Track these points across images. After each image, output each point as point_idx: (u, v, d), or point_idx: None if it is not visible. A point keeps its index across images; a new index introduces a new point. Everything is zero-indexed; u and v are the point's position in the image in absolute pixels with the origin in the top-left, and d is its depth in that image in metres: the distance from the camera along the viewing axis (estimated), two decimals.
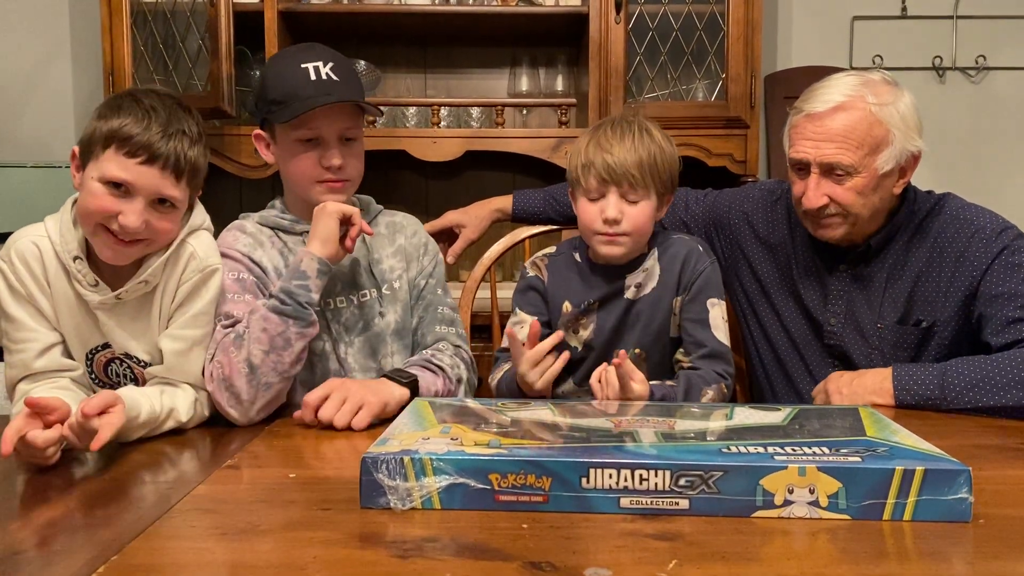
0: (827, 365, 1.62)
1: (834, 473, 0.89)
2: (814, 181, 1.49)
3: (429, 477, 0.91)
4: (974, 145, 2.96)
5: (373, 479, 0.92)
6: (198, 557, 0.81)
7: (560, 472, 0.91)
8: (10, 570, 0.77)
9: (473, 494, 0.91)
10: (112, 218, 1.21)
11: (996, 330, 1.44)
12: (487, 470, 0.91)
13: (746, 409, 1.18)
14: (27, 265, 1.26)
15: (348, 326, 1.49)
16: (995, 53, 2.94)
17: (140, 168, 1.21)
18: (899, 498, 0.88)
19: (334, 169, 1.43)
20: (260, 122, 1.50)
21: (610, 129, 1.48)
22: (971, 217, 1.53)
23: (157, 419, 1.22)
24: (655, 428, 1.06)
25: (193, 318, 1.31)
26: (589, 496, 0.91)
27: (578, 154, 1.50)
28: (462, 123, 2.79)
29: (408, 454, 0.92)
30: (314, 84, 1.40)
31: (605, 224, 1.47)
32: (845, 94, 1.46)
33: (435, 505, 0.92)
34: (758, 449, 0.95)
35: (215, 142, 2.50)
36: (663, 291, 1.53)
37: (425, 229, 1.83)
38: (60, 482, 1.04)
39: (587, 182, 1.47)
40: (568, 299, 1.56)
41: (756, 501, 0.89)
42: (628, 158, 1.44)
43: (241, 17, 2.39)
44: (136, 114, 1.22)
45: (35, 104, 2.76)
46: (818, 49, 2.93)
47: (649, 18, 2.55)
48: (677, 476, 0.90)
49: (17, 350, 1.26)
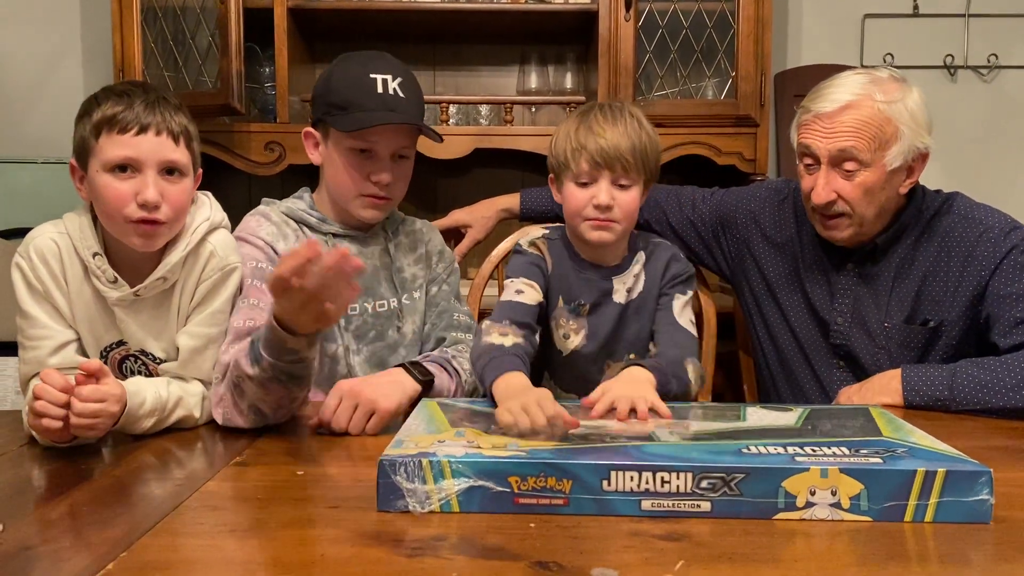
0: (833, 366, 1.61)
1: (856, 475, 0.88)
2: (823, 175, 1.48)
3: (448, 480, 0.90)
4: (986, 144, 2.94)
5: (391, 482, 0.91)
6: (207, 554, 0.81)
7: (581, 475, 0.90)
8: (20, 566, 0.78)
9: (492, 497, 0.90)
10: (130, 204, 1.22)
11: (1004, 331, 1.44)
12: (506, 473, 0.90)
13: (758, 410, 1.17)
14: (45, 262, 1.26)
15: (359, 335, 1.48)
16: (1007, 52, 2.92)
17: (138, 139, 1.22)
18: (921, 499, 0.88)
19: (381, 185, 1.43)
20: (313, 121, 1.48)
21: (600, 114, 1.45)
22: (979, 217, 1.52)
23: (164, 407, 1.22)
24: (671, 429, 1.06)
25: (211, 316, 1.31)
26: (610, 499, 0.90)
27: (566, 139, 1.45)
28: (471, 120, 2.79)
29: (426, 456, 0.91)
30: (379, 98, 1.39)
31: (596, 210, 1.43)
32: (854, 93, 1.46)
33: (454, 508, 0.90)
34: (778, 450, 0.94)
35: (225, 139, 2.51)
36: (648, 295, 1.52)
37: None
38: (70, 479, 1.04)
39: (578, 166, 1.43)
40: (563, 294, 1.52)
41: (778, 503, 0.89)
42: (622, 142, 1.41)
43: (251, 14, 2.39)
44: (113, 99, 1.23)
45: (46, 101, 2.77)
46: (829, 47, 2.91)
47: (659, 15, 2.54)
48: (699, 478, 0.89)
49: (32, 347, 1.26)
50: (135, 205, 1.22)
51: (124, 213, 1.22)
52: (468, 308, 1.59)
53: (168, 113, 1.25)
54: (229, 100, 2.32)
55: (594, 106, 1.49)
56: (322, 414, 1.24)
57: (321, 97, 1.44)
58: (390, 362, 1.49)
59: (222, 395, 1.26)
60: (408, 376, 1.31)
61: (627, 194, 1.44)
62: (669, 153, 2.54)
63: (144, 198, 1.22)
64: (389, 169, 1.43)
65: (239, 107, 2.35)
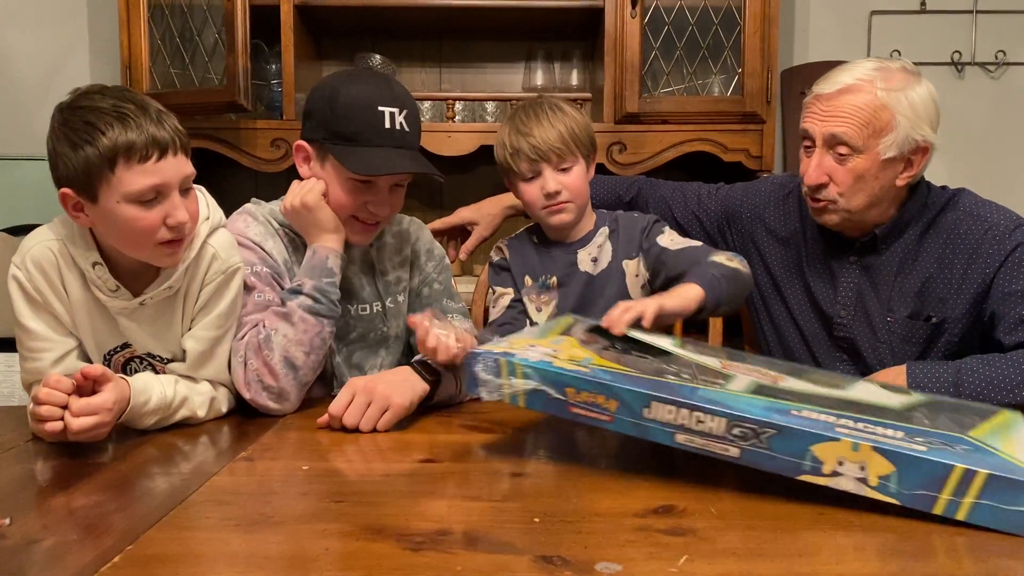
0: (836, 359, 1.61)
1: (889, 455, 0.88)
2: (816, 157, 1.50)
3: (518, 379, 1.04)
4: (993, 140, 2.93)
5: (472, 371, 1.07)
6: (211, 548, 0.81)
7: (626, 398, 0.98)
8: (26, 559, 0.78)
9: (551, 401, 1.02)
10: (160, 229, 1.18)
11: (1009, 328, 1.43)
12: (564, 384, 1.01)
13: (873, 386, 1.17)
14: (43, 272, 1.23)
15: (339, 335, 1.48)
16: (1015, 48, 2.91)
17: (160, 165, 1.16)
18: (955, 496, 0.86)
19: (377, 216, 1.43)
20: (308, 137, 1.43)
21: (523, 115, 1.57)
22: (985, 213, 1.51)
23: (169, 406, 1.23)
24: (757, 378, 1.08)
25: (217, 318, 1.31)
26: (648, 425, 0.97)
27: (503, 145, 1.58)
28: (477, 117, 2.79)
29: (506, 356, 1.05)
30: (387, 133, 1.36)
31: (547, 198, 1.56)
32: (856, 77, 1.47)
33: (520, 404, 1.04)
34: (827, 418, 0.95)
35: (231, 136, 2.52)
36: (615, 262, 1.62)
37: (437, 227, 1.83)
38: (75, 472, 1.05)
39: (519, 166, 1.56)
40: (528, 274, 1.65)
41: (804, 465, 0.90)
42: (549, 136, 1.54)
43: (257, 11, 2.40)
44: (112, 124, 1.14)
45: (53, 98, 2.73)
46: (835, 44, 2.90)
47: (665, 12, 2.54)
48: (732, 425, 0.93)
49: (32, 359, 1.25)
50: (165, 229, 1.19)
51: (155, 239, 1.19)
52: (463, 304, 1.60)
53: (169, 123, 1.18)
54: (235, 97, 2.33)
55: (518, 109, 1.62)
56: (333, 409, 1.24)
57: (323, 120, 1.39)
58: (369, 362, 1.52)
59: (247, 371, 1.31)
60: (416, 376, 1.31)
61: (570, 176, 1.57)
62: (675, 150, 2.54)
63: (176, 220, 1.18)
64: (387, 201, 1.42)
65: (245, 104, 2.36)
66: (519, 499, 0.95)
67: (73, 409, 1.09)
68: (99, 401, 1.11)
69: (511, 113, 1.62)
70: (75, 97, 1.19)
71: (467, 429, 1.27)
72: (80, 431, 1.09)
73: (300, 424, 1.29)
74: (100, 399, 1.11)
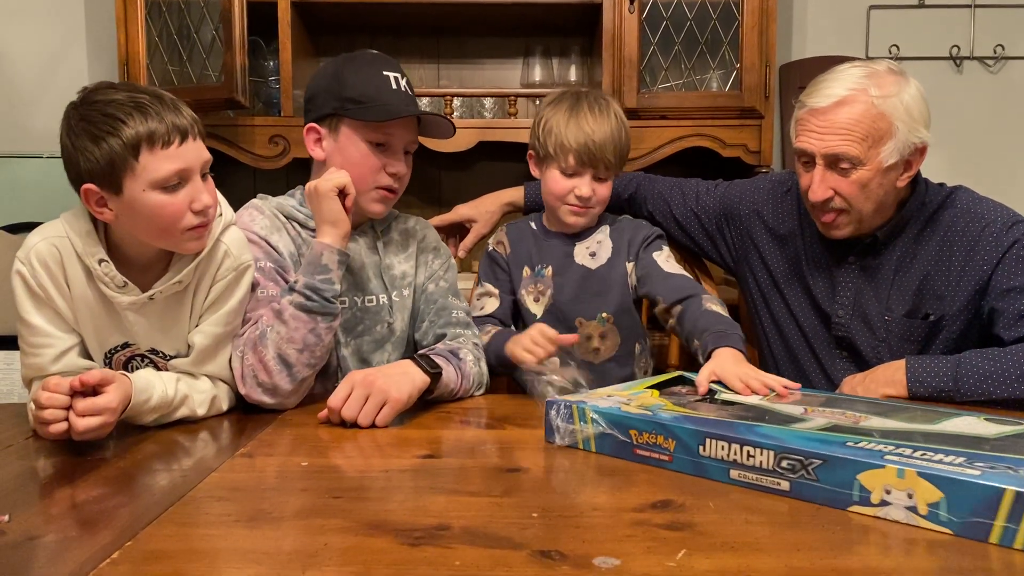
0: (835, 356, 1.62)
1: (935, 481, 0.83)
2: (819, 174, 1.48)
3: (588, 424, 1.10)
4: (991, 135, 2.93)
5: (548, 418, 1.14)
6: (211, 543, 0.82)
7: (683, 437, 1.02)
8: (26, 555, 0.79)
9: (617, 444, 1.07)
10: (187, 214, 1.20)
11: (1008, 324, 1.43)
12: (628, 426, 1.06)
13: (974, 418, 1.09)
14: (47, 267, 1.23)
15: (347, 327, 1.49)
16: (1013, 42, 2.91)
17: (183, 149, 1.19)
18: (1009, 522, 0.78)
19: (396, 177, 1.46)
20: (317, 116, 1.47)
21: (588, 111, 1.57)
22: (982, 211, 1.51)
23: (169, 404, 1.23)
24: (835, 419, 1.07)
25: (225, 315, 1.31)
26: (705, 463, 1.00)
27: (557, 132, 1.57)
28: (475, 113, 2.78)
29: (578, 404, 1.11)
30: (395, 94, 1.44)
31: (577, 199, 1.59)
32: (848, 88, 1.45)
33: (592, 448, 1.10)
34: (883, 448, 0.92)
35: (229, 133, 2.51)
36: (617, 259, 1.65)
37: (435, 223, 1.83)
38: (75, 468, 1.05)
39: (565, 160, 1.57)
40: (526, 264, 1.68)
41: (852, 496, 0.88)
42: (607, 144, 1.55)
43: (255, 8, 2.39)
44: (132, 113, 1.15)
45: (50, 95, 2.78)
46: (834, 39, 2.90)
47: (663, 7, 2.53)
48: (780, 458, 0.93)
49: (33, 354, 1.25)
50: (191, 214, 1.21)
51: (182, 225, 1.21)
52: (466, 304, 1.60)
53: (185, 110, 1.22)
54: (233, 94, 2.33)
55: (580, 98, 1.59)
56: (331, 403, 1.24)
57: (332, 93, 1.44)
58: (377, 356, 1.52)
59: (243, 366, 1.32)
60: (417, 368, 1.31)
61: (605, 186, 1.61)
62: (673, 145, 2.54)
63: (202, 204, 1.21)
64: (403, 161, 1.48)
65: (243, 101, 2.35)
66: (517, 494, 0.95)
67: (78, 409, 1.09)
68: (104, 402, 1.11)
69: (570, 100, 1.60)
70: (87, 93, 1.20)
71: (465, 425, 1.28)
72: (85, 431, 1.10)
73: (299, 420, 1.29)
74: (105, 400, 1.11)
